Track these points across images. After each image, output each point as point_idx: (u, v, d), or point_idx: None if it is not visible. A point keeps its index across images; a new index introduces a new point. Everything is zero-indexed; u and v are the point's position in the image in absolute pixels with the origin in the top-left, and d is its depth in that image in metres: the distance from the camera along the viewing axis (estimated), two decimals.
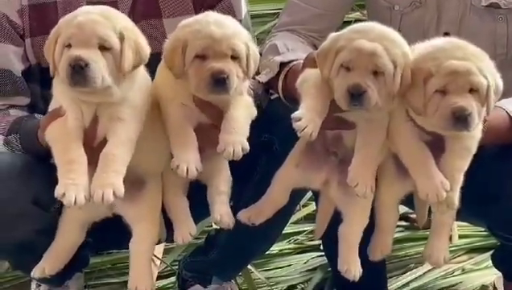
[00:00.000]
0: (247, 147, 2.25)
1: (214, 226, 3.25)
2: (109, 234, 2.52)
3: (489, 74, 2.17)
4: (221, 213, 2.42)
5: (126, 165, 2.23)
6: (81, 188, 2.16)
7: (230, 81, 2.22)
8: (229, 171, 2.46)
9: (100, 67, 2.16)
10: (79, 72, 2.14)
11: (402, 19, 2.63)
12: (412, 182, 2.32)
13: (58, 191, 2.16)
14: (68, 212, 2.44)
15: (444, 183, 2.21)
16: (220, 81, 2.21)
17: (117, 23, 2.22)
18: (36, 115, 2.58)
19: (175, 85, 2.31)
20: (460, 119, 2.14)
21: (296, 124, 2.16)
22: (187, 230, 2.45)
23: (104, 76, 2.17)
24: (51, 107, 2.34)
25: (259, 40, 2.91)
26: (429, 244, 2.45)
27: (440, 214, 2.36)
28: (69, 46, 2.18)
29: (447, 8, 2.61)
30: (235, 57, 2.24)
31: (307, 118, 2.17)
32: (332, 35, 2.26)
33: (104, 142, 2.26)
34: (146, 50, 2.27)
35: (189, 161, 2.25)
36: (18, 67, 2.62)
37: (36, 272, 2.47)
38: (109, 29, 2.19)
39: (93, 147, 2.26)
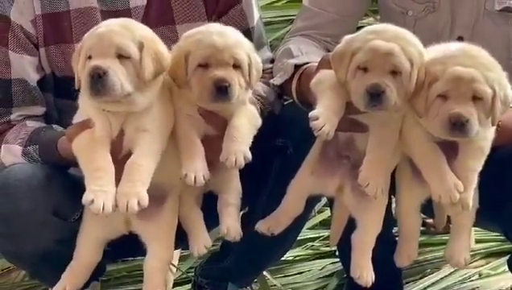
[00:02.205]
0: (249, 156, 2.27)
1: None
2: (126, 241, 2.52)
3: (496, 84, 2.16)
4: (228, 226, 2.43)
5: (151, 176, 2.25)
6: (110, 196, 2.18)
7: (232, 90, 2.24)
8: (239, 183, 2.47)
9: (118, 74, 2.19)
10: (98, 81, 2.17)
11: (416, 24, 2.62)
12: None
13: (86, 197, 2.17)
14: (85, 231, 2.45)
15: (457, 184, 2.20)
16: (222, 89, 2.23)
17: (137, 33, 2.25)
18: (54, 126, 2.60)
19: (180, 96, 2.34)
20: (457, 126, 2.13)
21: (313, 123, 2.17)
22: (202, 243, 2.47)
23: (123, 83, 2.20)
24: (76, 119, 2.36)
25: (272, 47, 2.91)
26: (449, 246, 2.44)
27: (455, 215, 2.35)
28: (90, 57, 2.22)
29: (460, 13, 2.61)
30: (237, 66, 2.27)
31: (324, 117, 2.18)
32: (347, 37, 2.26)
33: (128, 155, 2.27)
34: (167, 58, 2.29)
35: (197, 170, 2.27)
36: (33, 77, 2.64)
37: None
38: (127, 38, 2.22)
39: (118, 159, 2.27)
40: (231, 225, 2.43)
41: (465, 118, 2.13)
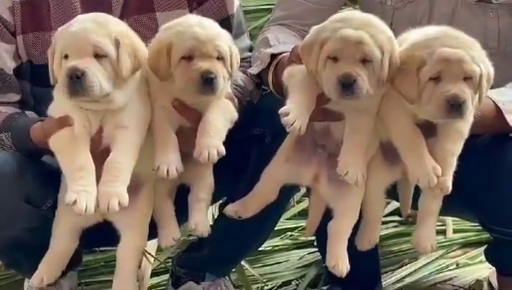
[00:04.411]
0: (223, 150, 2.27)
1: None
2: (102, 231, 2.51)
3: (481, 62, 2.18)
4: (197, 221, 2.44)
5: (130, 173, 2.26)
6: (92, 197, 2.19)
7: (218, 81, 2.24)
8: (212, 178, 2.47)
9: (96, 75, 2.18)
10: (76, 82, 2.16)
11: (395, 14, 2.63)
12: (399, 170, 2.35)
13: (69, 198, 2.18)
14: (60, 219, 2.44)
15: (436, 168, 2.22)
16: (208, 81, 2.23)
17: (112, 30, 2.23)
18: (27, 112, 2.58)
19: (157, 88, 2.33)
20: (455, 107, 2.15)
21: (284, 119, 2.17)
22: (170, 235, 2.50)
23: (101, 83, 2.19)
24: (51, 110, 2.34)
25: (252, 36, 2.90)
26: (417, 232, 2.44)
27: (433, 198, 2.36)
28: (66, 57, 2.20)
29: (438, 3, 2.62)
30: (220, 58, 2.27)
31: (294, 112, 2.18)
32: (314, 27, 2.26)
33: (106, 149, 2.27)
34: (144, 53, 2.28)
35: (169, 162, 2.28)
36: (10, 65, 2.61)
37: (34, 281, 2.47)
38: (102, 36, 2.20)
39: (96, 154, 2.27)
40: (199, 221, 2.43)
41: (462, 98, 2.14)
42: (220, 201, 2.86)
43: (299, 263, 3.27)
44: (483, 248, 2.97)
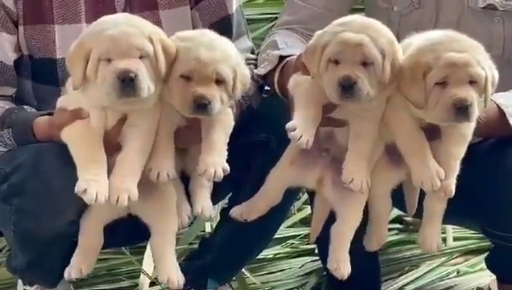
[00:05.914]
0: (227, 168, 2.29)
1: (207, 231, 3.26)
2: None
3: (486, 66, 2.21)
4: (203, 205, 2.46)
5: (142, 169, 2.28)
6: (103, 186, 2.20)
7: (212, 106, 2.24)
8: None
9: (145, 76, 2.19)
10: (129, 84, 2.16)
11: (401, 21, 2.65)
12: (403, 171, 2.37)
13: (79, 186, 2.19)
14: (90, 213, 2.43)
15: (439, 171, 2.24)
16: (201, 106, 2.23)
17: (144, 29, 2.24)
18: (26, 107, 2.54)
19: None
20: (462, 110, 2.17)
21: (291, 134, 2.20)
22: (185, 214, 2.49)
23: (149, 84, 2.20)
24: (64, 105, 2.33)
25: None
26: (422, 231, 2.46)
27: (437, 201, 2.38)
28: (107, 60, 2.19)
29: (444, 9, 2.64)
30: (220, 81, 2.26)
31: (301, 127, 2.21)
32: (317, 32, 2.29)
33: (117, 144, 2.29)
34: (172, 45, 2.28)
35: (162, 167, 2.31)
36: (10, 56, 2.59)
37: (73, 273, 2.45)
38: (141, 37, 2.22)
39: (109, 148, 2.28)
40: (205, 205, 2.46)
41: (469, 101, 2.17)
42: (221, 208, 2.87)
43: (300, 271, 3.27)
44: (484, 256, 2.98)
